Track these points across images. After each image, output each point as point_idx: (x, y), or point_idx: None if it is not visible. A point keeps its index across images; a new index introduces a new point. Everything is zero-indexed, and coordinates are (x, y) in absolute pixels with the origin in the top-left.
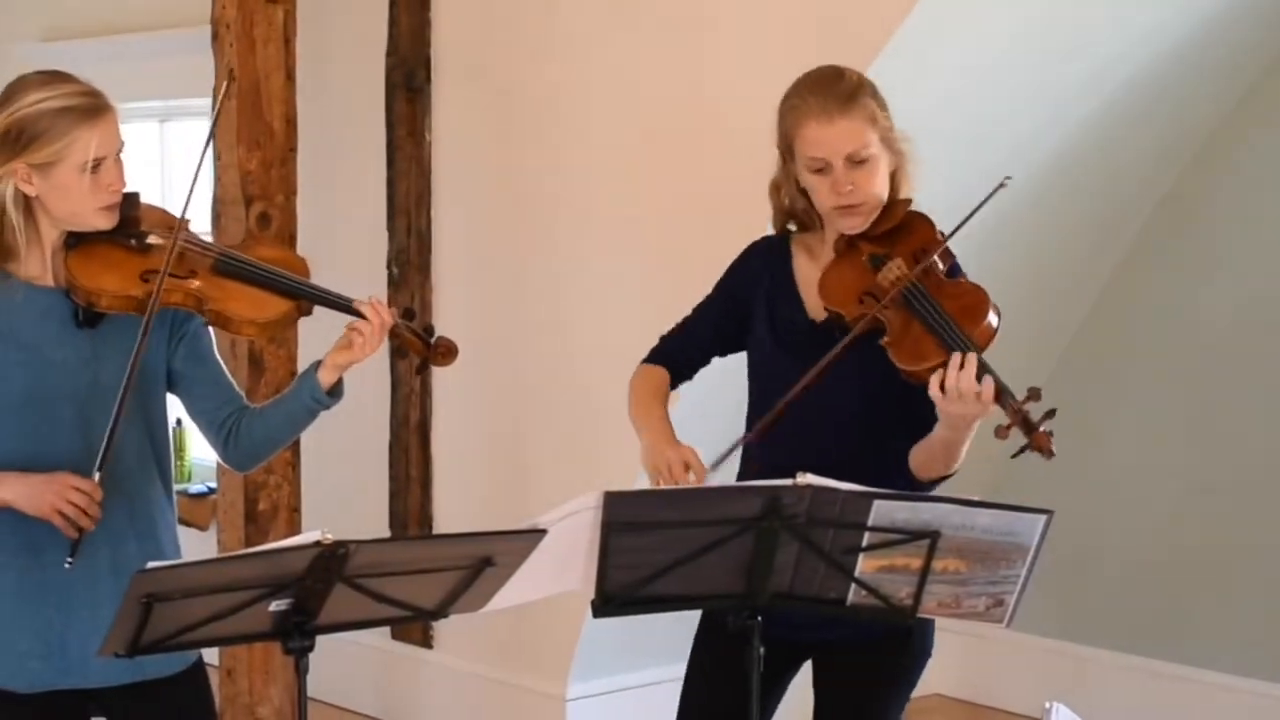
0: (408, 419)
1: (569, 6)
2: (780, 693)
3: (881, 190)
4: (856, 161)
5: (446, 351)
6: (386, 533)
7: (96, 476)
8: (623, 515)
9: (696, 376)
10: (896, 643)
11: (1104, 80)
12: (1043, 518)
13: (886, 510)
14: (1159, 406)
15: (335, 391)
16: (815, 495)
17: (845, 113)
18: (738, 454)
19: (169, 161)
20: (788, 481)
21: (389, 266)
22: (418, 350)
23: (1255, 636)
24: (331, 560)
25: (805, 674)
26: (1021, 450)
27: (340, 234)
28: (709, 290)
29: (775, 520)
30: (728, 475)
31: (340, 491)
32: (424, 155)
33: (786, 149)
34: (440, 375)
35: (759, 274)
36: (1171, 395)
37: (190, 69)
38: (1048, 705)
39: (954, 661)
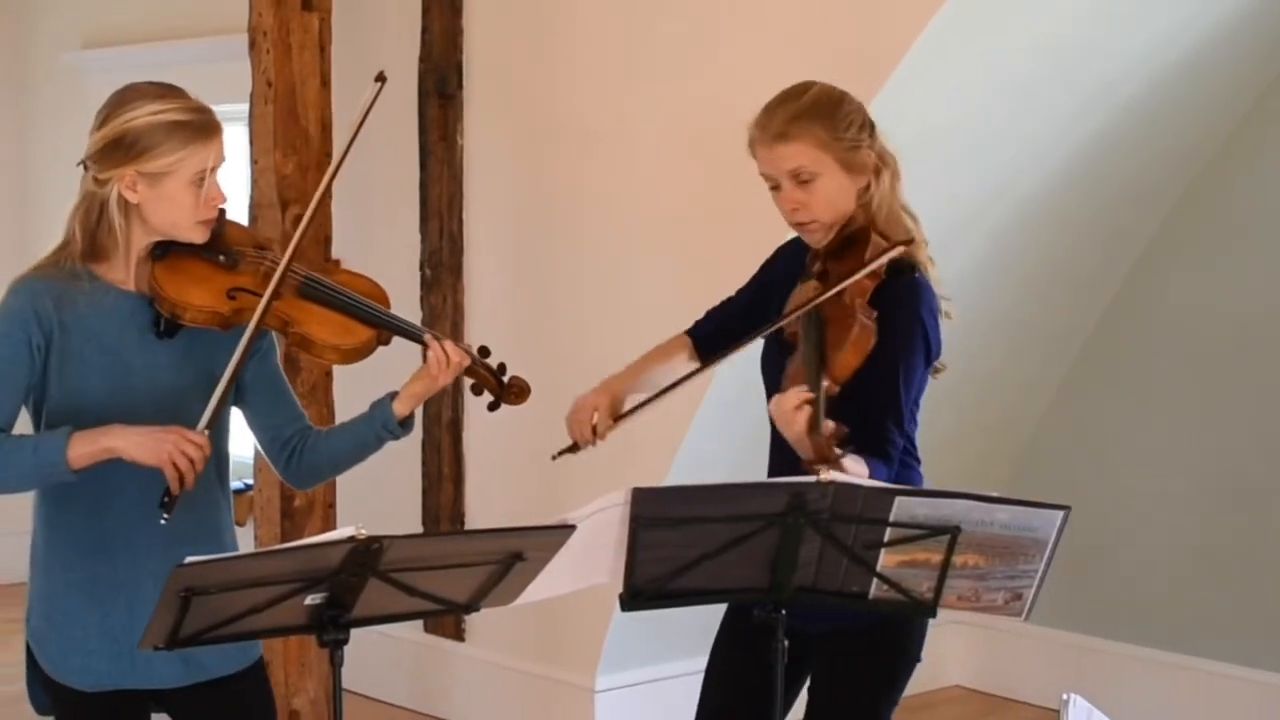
0: (440, 417)
1: (597, 14)
2: (800, 685)
3: (832, 207)
4: (802, 181)
5: (519, 392)
6: (419, 528)
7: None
8: (650, 511)
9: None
10: (884, 637)
11: (1117, 89)
12: (1060, 513)
13: (907, 506)
14: (1174, 404)
15: (406, 423)
16: (838, 491)
17: (785, 137)
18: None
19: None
20: (811, 478)
21: (422, 268)
22: (491, 389)
23: (1271, 630)
24: (366, 555)
25: None
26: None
27: (374, 237)
28: (736, 289)
29: (799, 516)
30: (758, 471)
31: (374, 488)
32: (456, 159)
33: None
34: None
35: (784, 269)
36: (1186, 393)
37: (228, 75)
38: (1065, 697)
39: (973, 654)
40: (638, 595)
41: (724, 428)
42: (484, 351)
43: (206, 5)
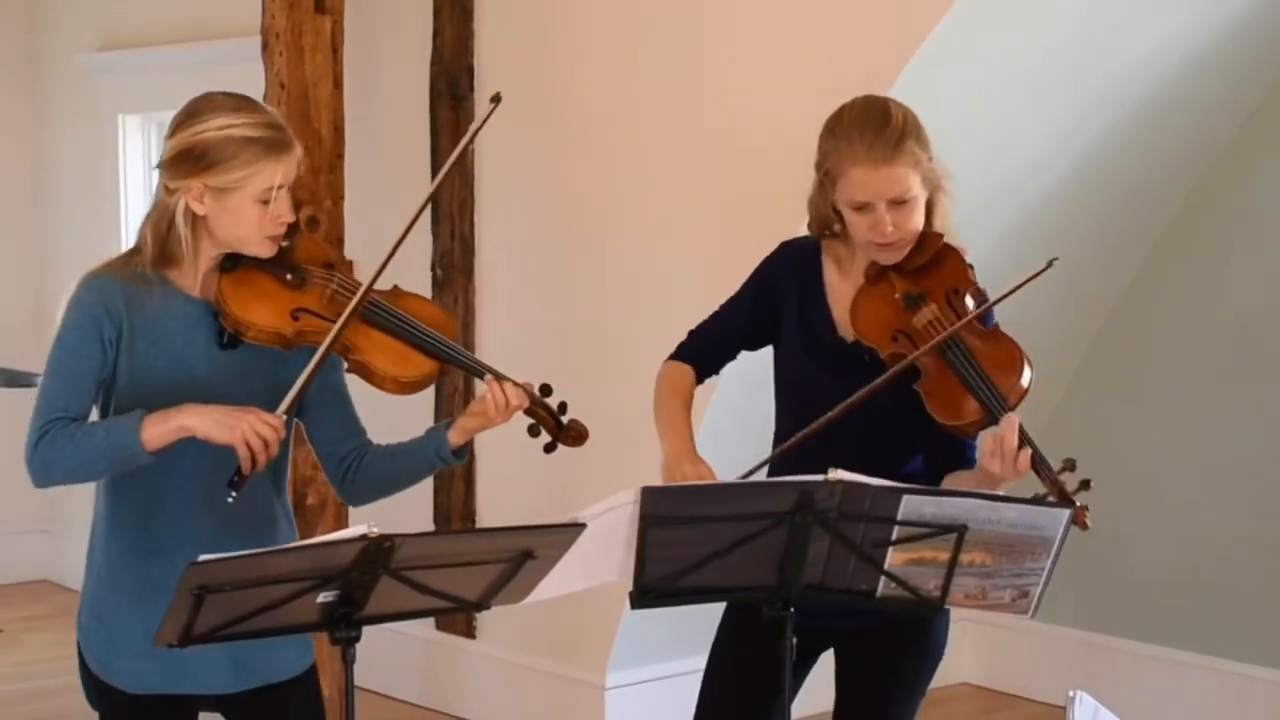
0: (452, 417)
1: (607, 16)
2: (800, 683)
3: (919, 226)
4: (899, 203)
5: (578, 436)
6: (431, 527)
7: (283, 419)
8: (660, 510)
9: (730, 386)
10: (912, 635)
11: (1123, 90)
12: (1066, 512)
13: (915, 505)
14: (1181, 403)
15: (460, 452)
16: (846, 490)
17: (891, 160)
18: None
19: None
20: (819, 477)
21: (433, 269)
22: (550, 429)
23: (1277, 627)
24: (378, 553)
25: (822, 667)
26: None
27: (386, 238)
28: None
29: (808, 514)
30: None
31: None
32: (467, 161)
33: (828, 179)
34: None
35: (790, 277)
36: (1194, 391)
37: (241, 78)
38: (1071, 694)
39: (980, 651)
40: (647, 593)
41: (733, 427)
42: (545, 390)
43: (220, 8)
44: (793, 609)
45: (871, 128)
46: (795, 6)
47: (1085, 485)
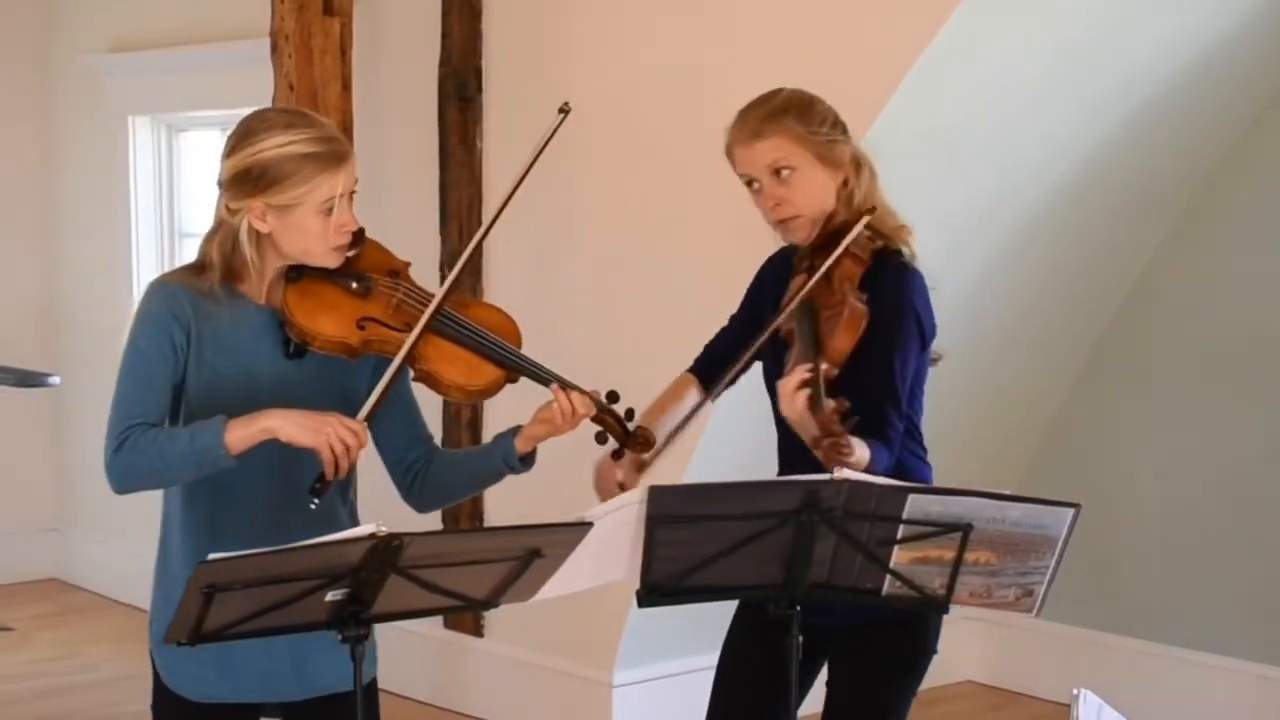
0: (459, 416)
1: (615, 18)
2: (810, 682)
3: (813, 202)
4: (778, 175)
5: (645, 442)
6: (439, 526)
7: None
8: (666, 509)
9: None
10: (900, 633)
11: (1129, 93)
12: (1071, 511)
13: (920, 504)
14: (1184, 405)
15: (528, 459)
16: (852, 489)
17: (760, 133)
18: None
19: None
20: (825, 476)
21: (442, 270)
22: (617, 436)
23: (1279, 625)
24: (386, 552)
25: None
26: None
27: (394, 238)
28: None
29: (813, 513)
30: (771, 470)
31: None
32: (475, 162)
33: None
34: None
35: (770, 286)
36: (1196, 394)
37: (251, 79)
38: (1076, 692)
39: (984, 649)
40: (654, 591)
41: (739, 426)
42: (613, 396)
43: (229, 10)
44: (799, 607)
45: (748, 108)
46: (801, 9)
47: (846, 422)
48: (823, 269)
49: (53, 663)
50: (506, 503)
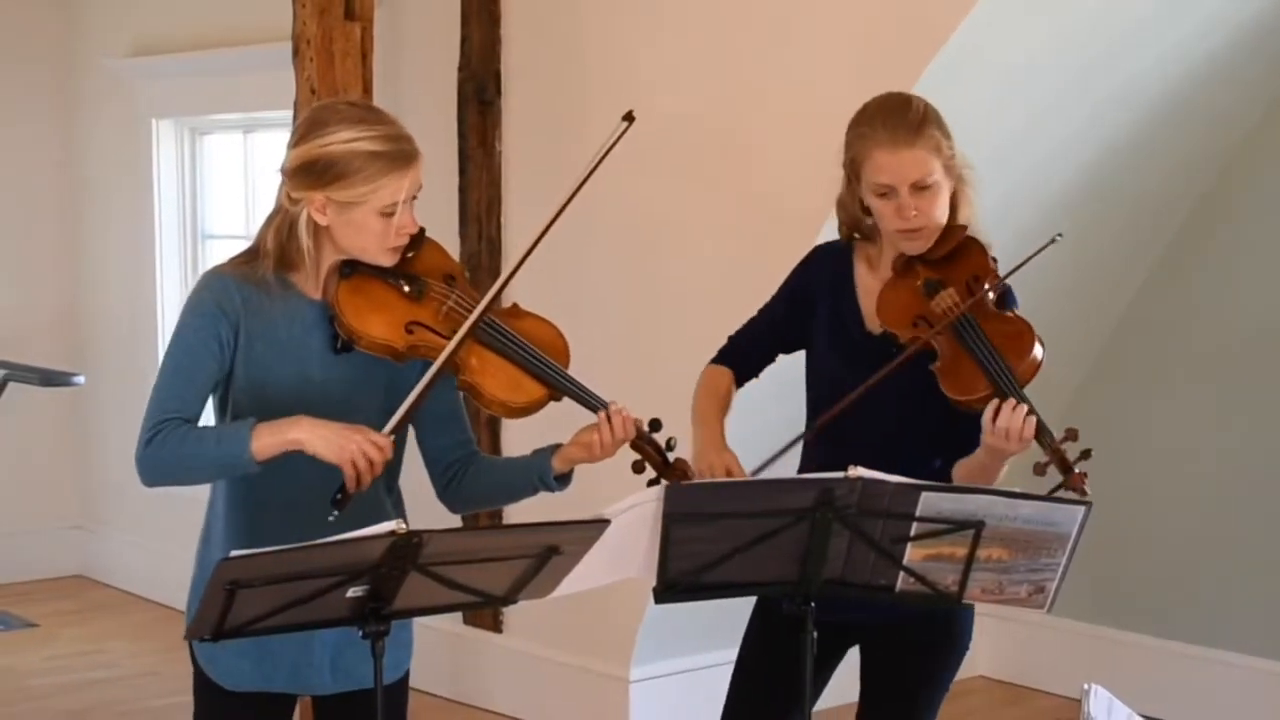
0: (479, 415)
1: (632, 20)
2: (827, 676)
3: (942, 215)
4: (921, 188)
5: (683, 474)
6: (458, 523)
7: (390, 440)
8: (683, 507)
9: (761, 378)
10: (937, 629)
11: (1137, 94)
12: (1082, 508)
13: (933, 501)
14: (1192, 403)
15: (564, 479)
16: (866, 487)
17: (912, 143)
18: (791, 457)
19: (251, 171)
20: (839, 474)
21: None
22: (655, 465)
23: None
24: (406, 549)
25: (846, 660)
26: (1057, 489)
27: None
28: (765, 300)
29: (828, 511)
30: (789, 467)
31: (414, 483)
32: (494, 165)
33: (853, 171)
34: None
35: (823, 278)
36: (1204, 393)
37: (272, 83)
38: (1086, 687)
39: (996, 645)
40: (671, 588)
41: (758, 425)
42: (655, 425)
43: (251, 14)
44: (813, 604)
45: (894, 114)
46: (818, 8)
47: (1086, 455)
48: (979, 295)
49: (76, 659)
50: (525, 501)
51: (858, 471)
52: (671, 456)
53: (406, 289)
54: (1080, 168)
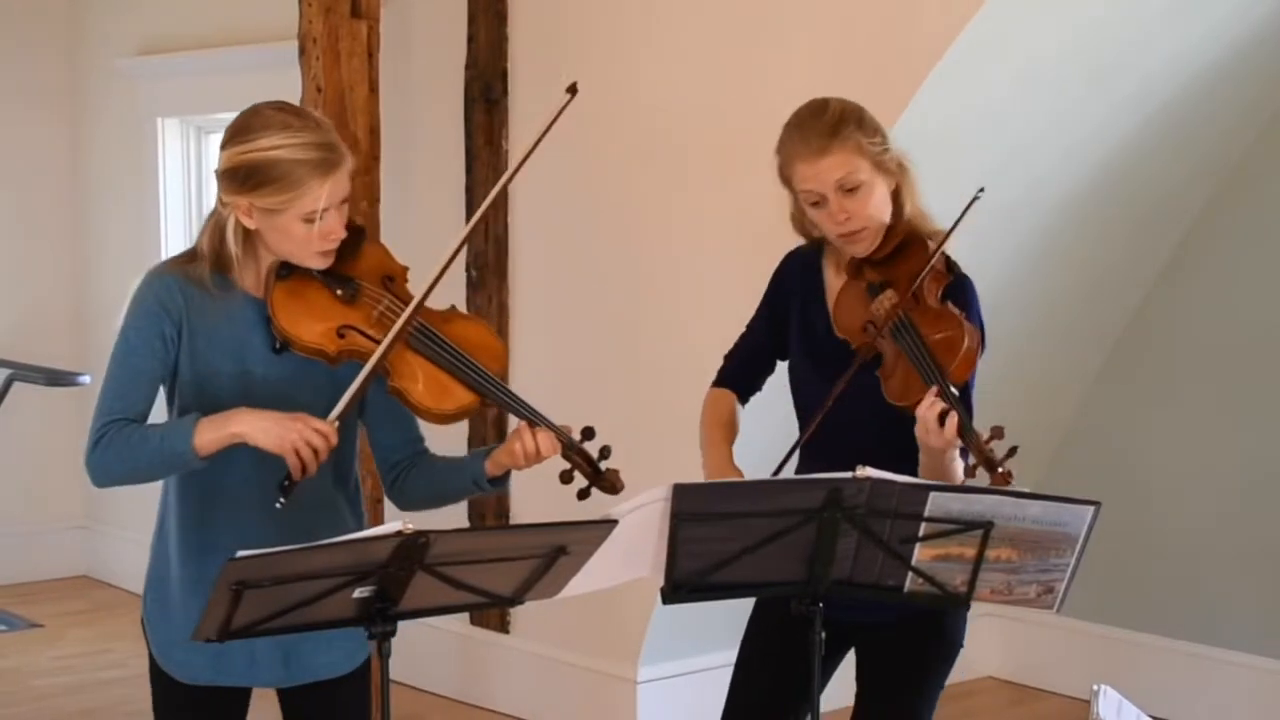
0: (485, 415)
1: (640, 20)
2: (827, 678)
3: (879, 213)
4: (848, 190)
5: (612, 486)
6: (465, 523)
7: (335, 426)
8: (691, 507)
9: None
10: (929, 629)
11: (1148, 94)
12: (1090, 509)
13: (942, 502)
14: (1201, 403)
15: (498, 482)
16: (874, 487)
17: (827, 148)
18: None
19: None
20: (848, 474)
21: (468, 270)
22: (585, 474)
23: None
24: (413, 549)
25: (847, 661)
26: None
27: (421, 239)
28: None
29: (836, 511)
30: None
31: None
32: (501, 164)
33: (788, 186)
34: (515, 372)
35: (794, 283)
36: (1213, 393)
37: (279, 82)
38: (1096, 688)
39: (1005, 645)
40: (678, 588)
41: (762, 426)
42: (587, 434)
43: (258, 13)
44: (821, 604)
45: (807, 121)
46: (826, 8)
47: (1012, 452)
48: (913, 286)
49: (82, 659)
50: (532, 500)
51: (866, 471)
52: (604, 466)
53: (339, 292)
54: (1090, 169)
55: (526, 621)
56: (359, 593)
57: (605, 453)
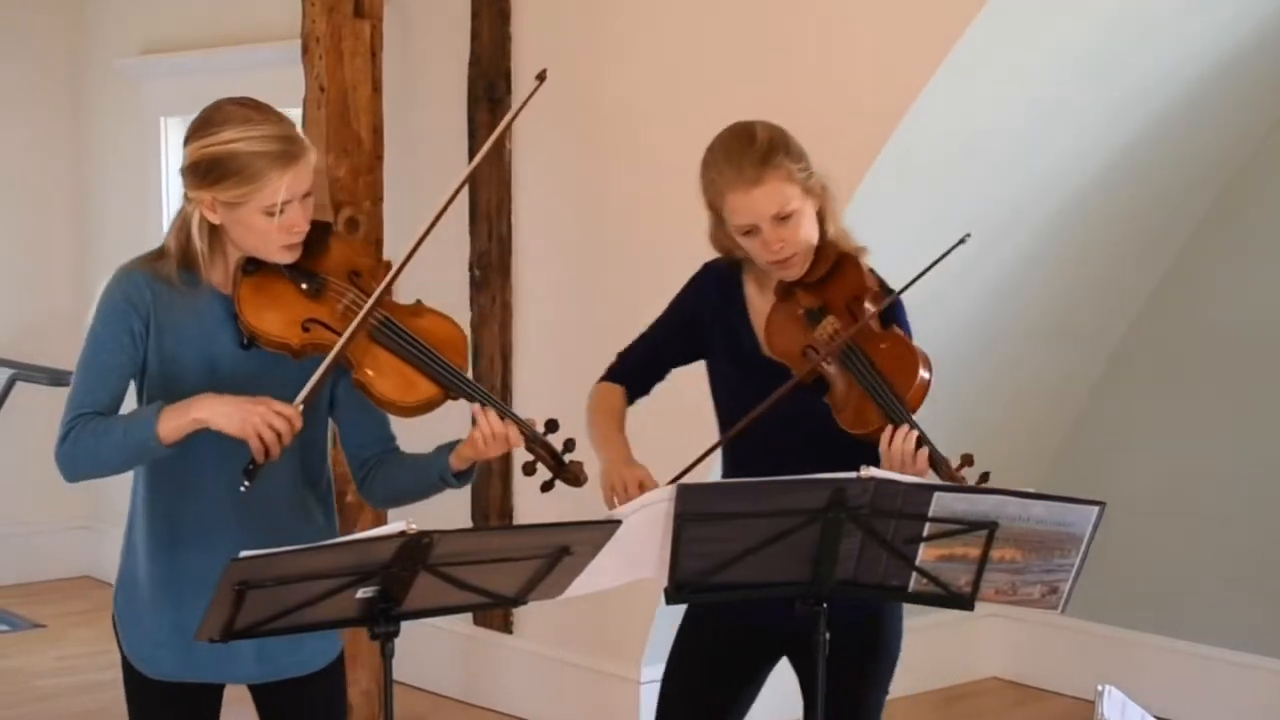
0: (549, 434)
1: (644, 20)
2: (758, 686)
3: (809, 237)
4: (782, 219)
5: (574, 479)
6: (468, 523)
7: (299, 409)
8: (695, 507)
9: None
10: (865, 638)
11: (1151, 96)
12: (1095, 509)
13: (946, 502)
14: (1205, 404)
15: (463, 475)
16: (878, 487)
17: (760, 179)
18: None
19: None
20: (852, 474)
21: (471, 269)
22: (548, 466)
23: None
24: (416, 549)
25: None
26: None
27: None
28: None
29: (840, 511)
30: None
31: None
32: (504, 163)
33: (714, 212)
34: (518, 372)
35: (712, 298)
36: (1217, 394)
37: (282, 81)
38: (1100, 688)
39: (1009, 645)
40: (682, 588)
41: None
42: (551, 426)
43: (261, 12)
44: (825, 604)
45: (736, 151)
46: (828, 13)
47: (985, 478)
48: (864, 321)
49: (85, 659)
50: (536, 500)
51: (870, 471)
52: (568, 459)
53: (305, 286)
54: (1095, 167)
55: (530, 622)
56: (362, 593)
57: (569, 445)
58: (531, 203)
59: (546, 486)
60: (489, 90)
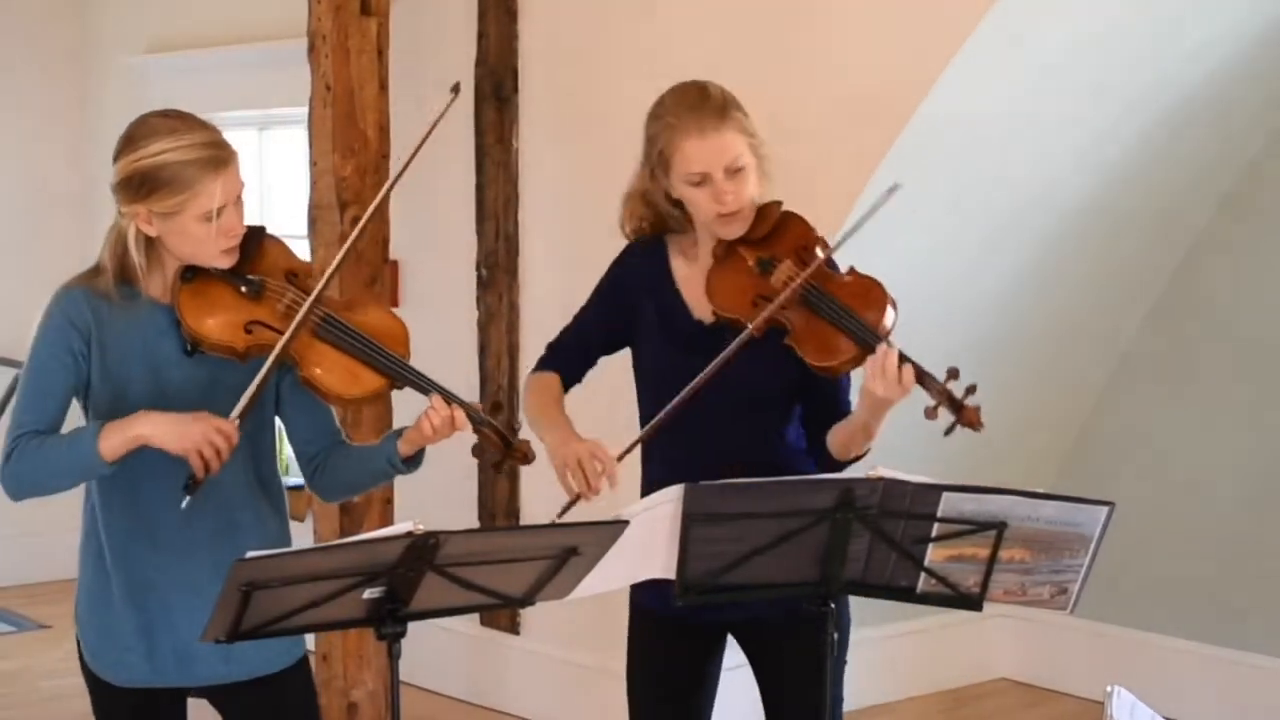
0: (495, 416)
1: (650, 18)
2: (714, 680)
3: (754, 195)
4: (733, 171)
5: (523, 457)
6: (475, 524)
7: (236, 424)
8: (702, 507)
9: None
10: (809, 624)
11: (1161, 93)
12: (1104, 509)
13: (955, 502)
14: (1216, 402)
15: (412, 462)
16: (887, 488)
17: (719, 127)
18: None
19: (267, 168)
20: (861, 475)
21: (478, 268)
22: (496, 447)
23: None
24: (423, 550)
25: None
26: (952, 427)
27: (431, 237)
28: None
29: (849, 511)
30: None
31: (431, 484)
32: (511, 162)
33: (661, 164)
34: (525, 371)
35: (638, 278)
36: (1228, 392)
37: (288, 79)
38: (1109, 689)
39: (1018, 646)
40: (690, 589)
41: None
42: (496, 408)
43: (267, 10)
44: (833, 605)
45: (696, 101)
46: (835, 13)
47: (972, 390)
48: (819, 261)
49: None
50: (543, 500)
51: (879, 471)
52: (515, 440)
53: (244, 289)
54: (1104, 169)
55: (537, 623)
56: (369, 593)
57: (517, 427)
58: (539, 201)
59: (497, 467)
60: (496, 89)
